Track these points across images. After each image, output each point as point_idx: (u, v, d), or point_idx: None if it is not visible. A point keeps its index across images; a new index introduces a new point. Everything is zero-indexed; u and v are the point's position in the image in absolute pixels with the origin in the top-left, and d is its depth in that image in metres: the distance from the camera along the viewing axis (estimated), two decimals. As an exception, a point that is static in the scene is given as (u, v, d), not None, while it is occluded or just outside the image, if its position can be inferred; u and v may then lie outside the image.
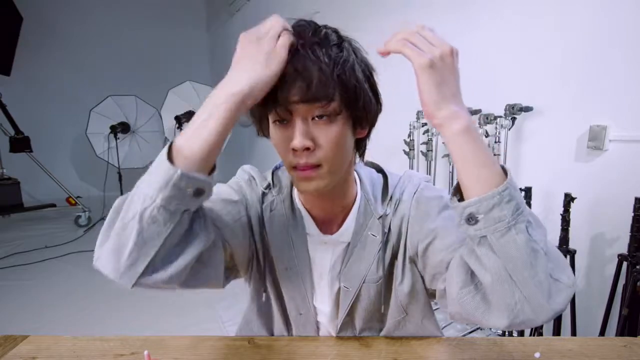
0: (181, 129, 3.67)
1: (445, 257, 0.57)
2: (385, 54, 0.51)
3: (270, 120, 0.57)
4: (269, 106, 0.54)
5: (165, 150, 0.47)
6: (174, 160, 0.46)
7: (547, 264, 0.46)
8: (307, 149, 0.54)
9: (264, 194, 0.70)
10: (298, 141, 0.53)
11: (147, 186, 0.46)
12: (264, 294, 0.73)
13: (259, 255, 0.71)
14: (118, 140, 3.98)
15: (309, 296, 0.71)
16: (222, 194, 0.67)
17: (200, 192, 0.48)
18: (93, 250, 0.49)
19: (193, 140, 0.47)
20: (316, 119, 0.54)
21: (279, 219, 0.69)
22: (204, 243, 0.51)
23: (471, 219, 0.47)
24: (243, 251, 0.67)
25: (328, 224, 0.69)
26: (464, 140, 0.47)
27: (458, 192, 0.50)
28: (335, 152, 0.55)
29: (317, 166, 0.55)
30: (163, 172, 0.45)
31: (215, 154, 0.49)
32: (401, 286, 0.67)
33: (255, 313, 0.78)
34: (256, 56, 0.49)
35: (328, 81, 0.51)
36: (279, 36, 0.51)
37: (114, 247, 0.46)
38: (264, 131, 0.61)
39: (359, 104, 0.56)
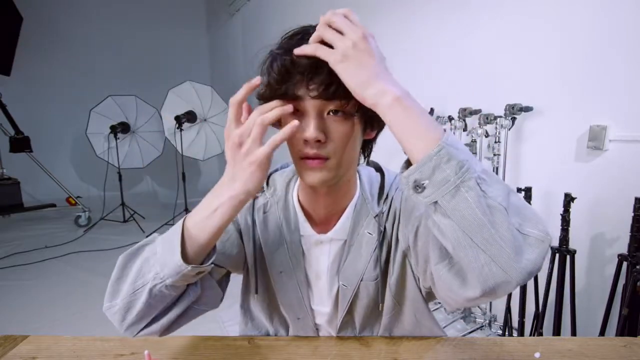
0: (181, 129, 3.70)
1: (427, 239, 0.57)
2: (301, 56, 0.52)
3: None
4: (288, 98, 0.55)
5: (179, 236, 0.54)
6: (186, 245, 0.54)
7: (510, 218, 0.44)
8: (318, 141, 0.55)
9: (255, 198, 0.71)
10: (311, 133, 0.54)
11: (160, 267, 0.54)
12: (255, 296, 0.73)
13: (248, 260, 0.72)
14: (118, 140, 3.98)
15: (305, 300, 0.71)
16: None
17: (201, 273, 0.57)
18: (93, 250, 0.55)
19: (201, 231, 0.54)
20: (331, 113, 0.55)
21: (273, 221, 0.70)
22: (192, 299, 0.60)
23: (418, 187, 0.46)
24: (237, 261, 0.71)
25: (324, 224, 0.69)
26: (397, 112, 0.48)
27: (408, 166, 0.50)
28: (344, 147, 0.57)
29: (326, 159, 0.56)
30: (176, 264, 0.53)
31: (217, 240, 0.57)
32: (392, 277, 0.68)
33: (248, 317, 0.79)
34: (242, 165, 0.53)
35: None
36: (261, 136, 0.53)
37: (124, 306, 0.56)
38: (278, 122, 0.61)
39: None
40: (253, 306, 0.77)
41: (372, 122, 0.60)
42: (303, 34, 0.55)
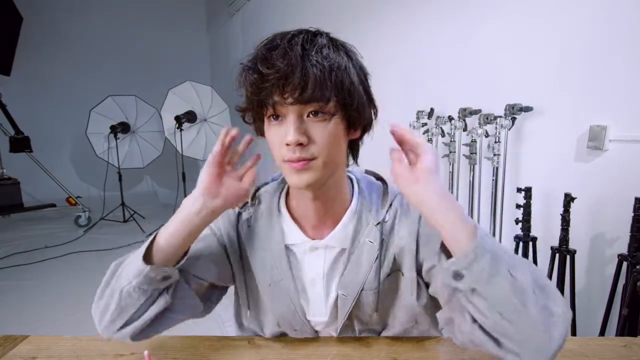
0: (181, 129, 3.70)
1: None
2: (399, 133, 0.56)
3: (265, 116, 0.58)
4: (266, 106, 0.56)
5: (148, 242, 0.59)
6: (153, 249, 0.58)
7: (538, 299, 0.49)
8: (301, 144, 0.55)
9: (239, 214, 0.70)
10: (292, 137, 0.54)
11: (130, 269, 0.58)
12: (248, 312, 0.73)
13: (236, 275, 0.71)
14: (118, 140, 3.98)
15: (299, 312, 0.69)
16: None
17: (167, 278, 0.59)
18: (93, 250, 0.57)
19: (160, 237, 0.59)
20: (311, 115, 0.55)
21: (258, 233, 0.69)
22: (162, 306, 0.60)
23: (457, 276, 0.51)
24: (223, 276, 0.71)
25: (318, 229, 0.67)
26: (445, 203, 0.53)
27: (444, 250, 0.56)
28: (328, 147, 0.56)
29: (311, 159, 0.56)
30: (138, 265, 0.57)
31: (184, 249, 0.61)
32: (420, 301, 0.67)
33: (243, 330, 0.78)
34: (200, 184, 0.60)
35: (324, 84, 0.53)
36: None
37: (103, 307, 0.60)
38: (260, 130, 0.62)
39: (353, 105, 0.57)
40: (246, 321, 0.76)
41: (354, 122, 0.60)
42: (272, 43, 0.55)
